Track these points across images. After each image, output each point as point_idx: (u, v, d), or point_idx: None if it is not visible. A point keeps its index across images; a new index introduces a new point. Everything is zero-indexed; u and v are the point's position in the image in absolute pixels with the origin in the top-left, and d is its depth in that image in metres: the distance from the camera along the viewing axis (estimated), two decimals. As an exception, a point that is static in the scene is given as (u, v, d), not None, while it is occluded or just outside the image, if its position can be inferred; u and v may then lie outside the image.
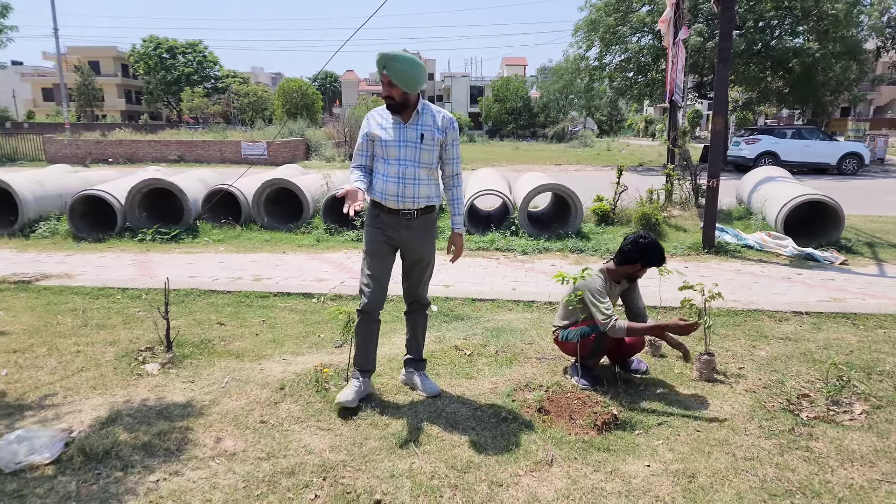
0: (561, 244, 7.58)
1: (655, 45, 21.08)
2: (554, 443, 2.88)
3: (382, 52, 2.98)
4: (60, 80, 31.62)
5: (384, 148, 3.11)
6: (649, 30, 21.19)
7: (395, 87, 3.00)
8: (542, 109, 54.45)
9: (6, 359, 3.88)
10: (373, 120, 3.17)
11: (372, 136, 3.14)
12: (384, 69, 2.97)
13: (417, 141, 3.09)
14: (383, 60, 2.98)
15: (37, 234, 8.23)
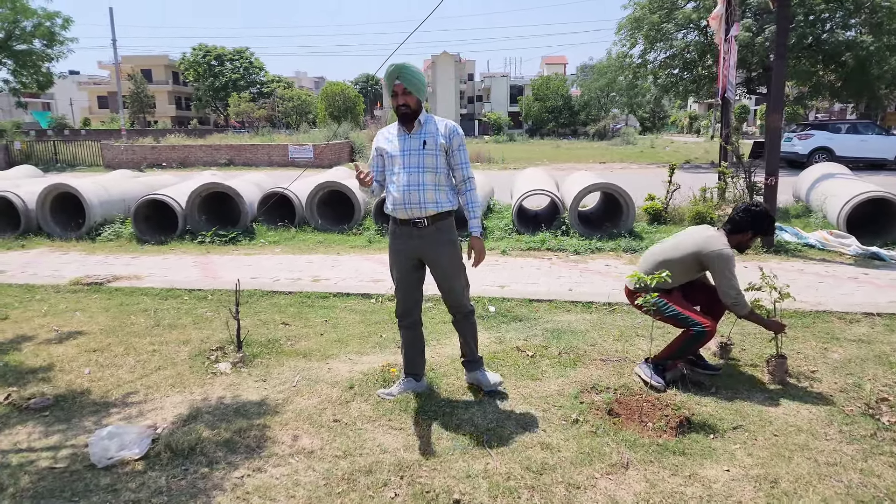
0: (613, 244, 7.48)
1: (701, 42, 20.63)
2: (627, 445, 2.86)
3: (395, 62, 3.08)
4: (118, 88, 32.92)
5: (391, 159, 3.19)
6: (695, 26, 20.74)
7: (409, 95, 3.09)
8: (583, 107, 53.84)
9: (87, 358, 4.08)
10: (381, 136, 3.28)
11: (381, 150, 3.24)
12: (398, 79, 3.06)
13: (420, 147, 3.14)
14: (397, 71, 3.07)
15: (102, 237, 8.59)
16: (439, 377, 3.65)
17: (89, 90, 67.21)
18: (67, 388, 3.58)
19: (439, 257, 3.24)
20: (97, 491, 2.55)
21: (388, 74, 3.08)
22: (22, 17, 25.26)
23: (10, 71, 26.90)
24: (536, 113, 56.31)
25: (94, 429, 3.07)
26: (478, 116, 69.73)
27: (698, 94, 24.28)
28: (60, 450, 2.89)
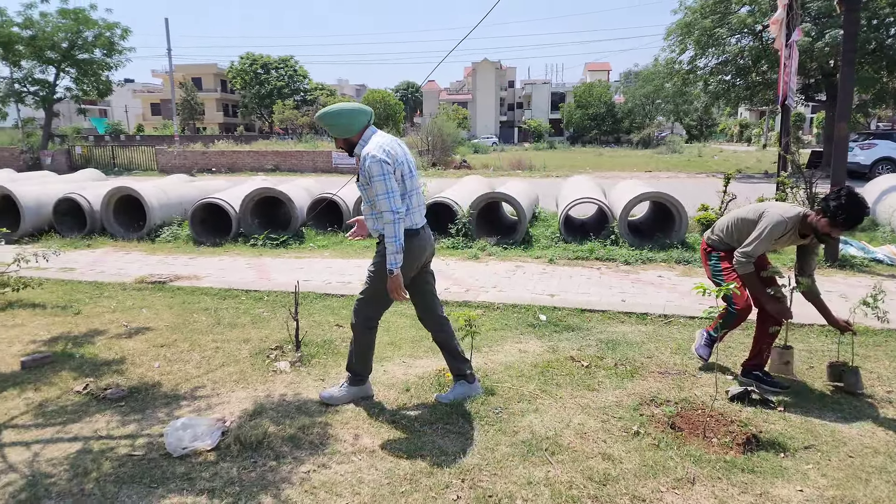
0: (665, 254, 7.36)
1: (756, 47, 20.04)
2: (693, 460, 2.81)
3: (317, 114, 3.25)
4: (171, 96, 34.19)
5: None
6: (750, 31, 20.20)
7: (337, 139, 3.25)
8: (627, 115, 53.12)
9: (156, 352, 4.25)
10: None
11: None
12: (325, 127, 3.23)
13: (356, 181, 3.31)
14: (319, 121, 3.21)
15: (161, 239, 8.93)
16: (494, 384, 3.66)
17: (143, 97, 69.97)
18: (140, 381, 3.74)
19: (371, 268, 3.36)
20: (174, 479, 2.66)
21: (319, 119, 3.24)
22: (84, 27, 26.49)
23: (72, 79, 28.23)
24: (578, 120, 55.87)
25: (166, 420, 3.20)
26: (518, 123, 69.58)
27: (752, 102, 23.63)
28: (137, 438, 3.02)
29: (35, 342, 4.50)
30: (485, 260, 7.50)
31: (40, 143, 27.57)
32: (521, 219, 8.25)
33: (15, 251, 5.54)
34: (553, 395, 3.53)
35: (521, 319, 5.01)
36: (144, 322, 4.95)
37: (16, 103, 27.19)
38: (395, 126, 38.76)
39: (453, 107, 58.00)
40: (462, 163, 26.60)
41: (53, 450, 2.94)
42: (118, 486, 2.61)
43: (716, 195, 9.12)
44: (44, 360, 4.05)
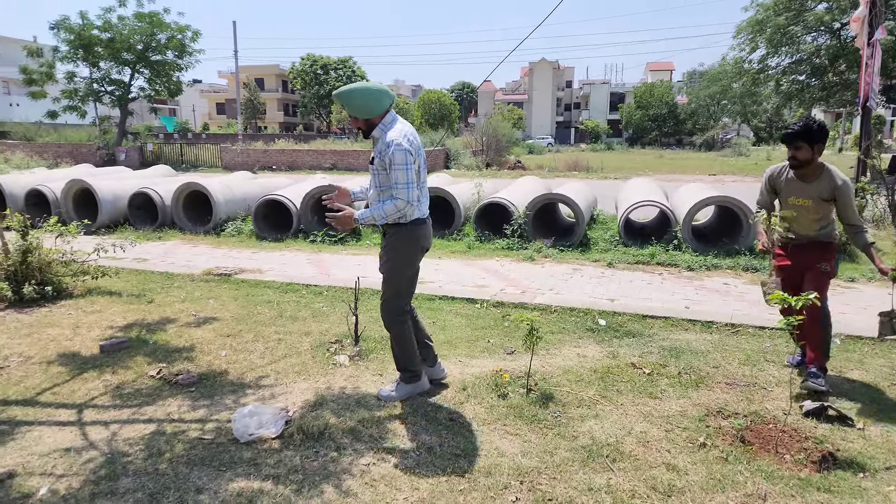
0: (731, 261, 7.08)
1: (834, 45, 19.02)
2: (764, 476, 2.69)
3: (335, 92, 3.18)
4: (237, 96, 35.53)
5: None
6: (827, 29, 19.19)
7: (356, 119, 3.20)
8: (690, 116, 51.45)
9: (223, 342, 4.42)
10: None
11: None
12: (343, 107, 3.16)
13: (371, 164, 3.25)
14: (337, 99, 3.14)
15: (226, 233, 9.27)
16: (552, 388, 3.62)
17: (209, 97, 72.85)
18: (208, 368, 3.90)
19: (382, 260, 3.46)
20: (241, 464, 2.76)
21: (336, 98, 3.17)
22: (158, 30, 27.83)
23: (145, 79, 29.69)
24: (638, 121, 54.57)
25: (233, 406, 3.32)
26: (574, 124, 68.59)
27: (827, 103, 22.42)
28: (206, 423, 3.15)
29: (112, 328, 4.76)
30: (541, 262, 7.43)
31: (115, 140, 29.12)
32: (580, 221, 8.12)
33: (94, 242, 5.87)
34: (613, 401, 3.46)
35: (580, 323, 4.93)
36: (212, 312, 5.16)
37: (94, 102, 28.78)
38: (449, 126, 38.91)
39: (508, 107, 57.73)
40: (516, 163, 26.44)
41: (130, 430, 3.10)
42: (189, 468, 2.72)
43: (786, 200, 8.71)
44: (121, 345, 4.28)
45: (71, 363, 4.01)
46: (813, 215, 3.58)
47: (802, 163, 3.49)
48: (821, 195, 3.50)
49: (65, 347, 4.31)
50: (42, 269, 5.54)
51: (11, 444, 2.95)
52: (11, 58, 49.17)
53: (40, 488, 2.58)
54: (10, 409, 3.35)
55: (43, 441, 2.99)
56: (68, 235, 5.79)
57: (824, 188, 3.49)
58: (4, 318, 5.00)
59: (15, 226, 5.55)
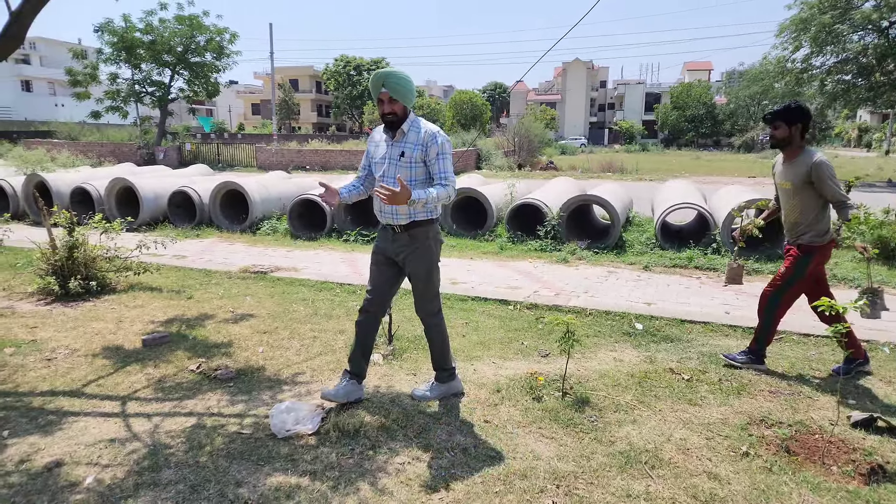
0: (773, 266, 6.88)
1: (882, 45, 18.35)
2: (810, 488, 2.60)
3: (381, 70, 3.08)
4: (272, 97, 36.10)
5: (375, 165, 3.27)
6: (874, 27, 18.53)
7: (396, 103, 3.07)
8: (729, 116, 50.26)
9: (259, 338, 4.49)
10: (373, 138, 3.31)
11: (369, 152, 3.31)
12: (383, 87, 3.03)
13: (397, 158, 3.14)
14: (382, 78, 3.04)
15: (262, 231, 9.43)
16: (588, 392, 3.57)
17: (245, 98, 74.22)
18: (245, 364, 3.96)
19: (411, 264, 3.27)
20: (278, 459, 2.79)
21: (373, 82, 3.06)
22: (197, 32, 28.50)
23: (185, 81, 30.44)
24: (674, 122, 53.60)
25: (270, 402, 3.37)
26: (608, 125, 67.78)
27: (874, 104, 21.64)
28: (245, 418, 3.20)
29: (153, 322, 4.88)
30: (575, 264, 7.35)
31: (155, 140, 29.94)
32: (615, 222, 8.01)
33: (136, 239, 6.03)
34: (651, 406, 3.39)
35: (616, 327, 4.86)
36: (248, 309, 5.25)
37: (135, 103, 29.63)
38: (481, 127, 38.85)
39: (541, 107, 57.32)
40: (548, 164, 26.25)
41: (171, 423, 3.17)
42: (229, 461, 2.77)
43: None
44: (162, 340, 4.39)
45: (115, 356, 4.13)
46: (793, 200, 3.76)
47: (780, 141, 3.74)
48: (798, 175, 3.69)
49: (109, 341, 4.43)
50: (87, 264, 5.71)
51: (59, 434, 3.05)
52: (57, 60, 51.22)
53: (86, 478, 2.65)
54: (58, 399, 3.46)
55: (88, 431, 3.08)
56: (112, 232, 5.96)
57: (801, 168, 3.67)
58: (51, 311, 5.17)
59: (62, 222, 5.73)
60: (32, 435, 3.03)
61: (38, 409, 3.32)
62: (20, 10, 3.75)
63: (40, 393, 3.55)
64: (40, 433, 3.05)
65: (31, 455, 2.84)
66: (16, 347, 4.26)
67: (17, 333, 4.56)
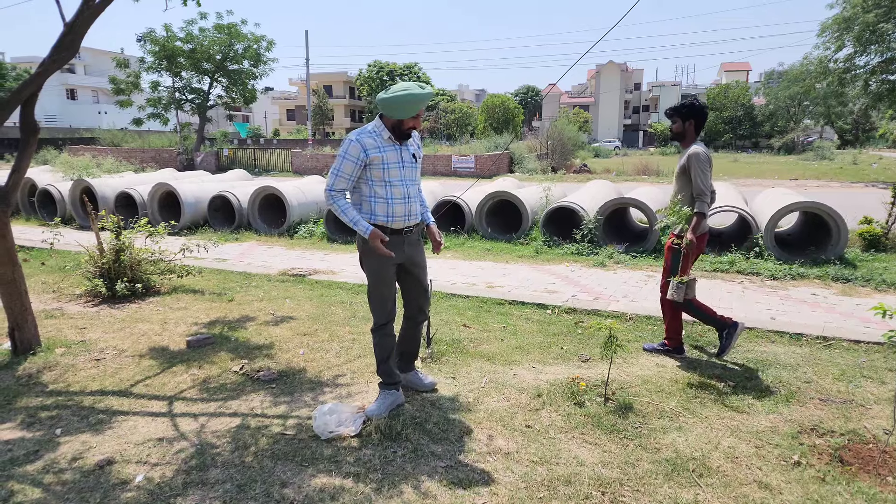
0: (819, 270, 6.67)
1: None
2: (865, 499, 2.51)
3: (429, 89, 3.09)
4: (308, 103, 36.76)
5: (385, 170, 3.11)
6: (922, 25, 17.87)
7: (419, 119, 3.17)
8: (768, 118, 48.96)
9: (300, 340, 4.55)
10: (367, 145, 3.09)
11: (370, 160, 3.09)
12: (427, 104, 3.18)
13: (412, 160, 3.20)
14: (431, 97, 3.11)
15: (299, 235, 9.58)
16: (631, 398, 3.51)
17: (280, 104, 75.56)
18: (287, 366, 4.02)
19: (422, 257, 3.43)
20: (322, 460, 2.82)
21: (422, 97, 3.05)
22: (235, 41, 29.15)
23: (223, 88, 31.14)
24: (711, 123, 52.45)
25: (312, 403, 3.41)
26: (643, 127, 66.84)
27: (922, 104, 20.87)
28: (288, 419, 3.24)
29: (197, 324, 5.00)
30: (612, 268, 7.25)
31: (194, 146, 30.71)
32: (653, 226, 7.88)
33: (178, 242, 6.19)
34: (697, 413, 3.32)
35: (657, 332, 4.77)
36: (288, 311, 5.32)
37: (176, 110, 30.45)
38: (514, 130, 38.71)
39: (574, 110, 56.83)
40: (582, 167, 25.99)
41: (216, 423, 3.23)
42: (274, 462, 2.81)
43: (879, 207, 8.18)
44: (206, 341, 4.48)
45: (161, 357, 4.24)
46: (675, 188, 4.08)
47: (676, 135, 4.06)
48: (679, 164, 3.98)
49: (154, 342, 4.55)
50: (133, 267, 5.88)
51: (109, 433, 3.13)
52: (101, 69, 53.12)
53: (136, 476, 2.72)
54: (108, 398, 3.57)
55: (137, 430, 3.16)
56: (157, 236, 6.12)
57: (683, 158, 3.97)
58: (99, 313, 5.34)
59: (109, 226, 5.91)
60: (84, 433, 3.13)
61: (89, 408, 3.42)
62: (74, 21, 3.89)
63: (90, 392, 3.66)
64: (91, 432, 3.15)
65: (83, 453, 2.93)
66: (66, 348, 4.41)
67: (66, 334, 4.72)
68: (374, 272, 3.30)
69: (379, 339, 3.35)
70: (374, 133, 3.13)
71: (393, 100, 3.05)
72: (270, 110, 75.64)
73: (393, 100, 3.05)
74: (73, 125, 49.21)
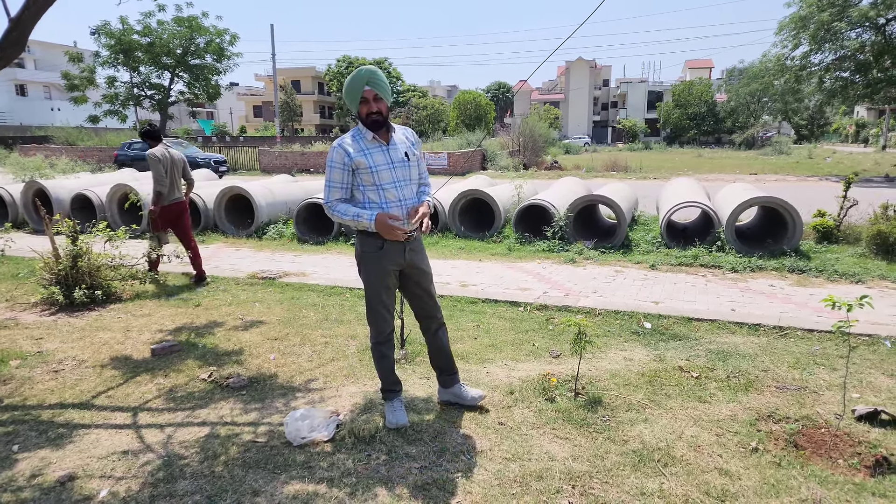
0: (776, 262, 6.90)
1: (879, 42, 18.46)
2: (818, 481, 2.64)
3: (365, 67, 2.90)
4: (275, 100, 36.14)
5: (374, 174, 2.93)
6: (872, 25, 18.63)
7: (381, 101, 2.95)
8: (730, 114, 50.26)
9: (270, 345, 4.52)
10: (350, 149, 2.94)
11: (356, 164, 2.93)
12: (368, 84, 2.89)
13: (405, 160, 3.00)
14: (368, 75, 2.89)
15: (268, 236, 9.45)
16: (600, 392, 3.60)
17: (246, 100, 74.25)
18: (257, 371, 3.99)
19: (425, 262, 3.19)
20: (295, 466, 2.82)
21: (357, 79, 2.89)
22: (196, 34, 28.49)
23: (185, 83, 30.42)
24: (676, 120, 53.65)
25: (284, 409, 3.40)
26: (612, 123, 67.81)
27: (872, 100, 21.74)
28: (259, 426, 3.23)
29: (162, 331, 4.90)
30: (582, 264, 7.37)
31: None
32: (621, 222, 8.03)
33: (142, 246, 6.04)
34: (662, 405, 3.42)
35: (625, 326, 4.88)
36: (258, 316, 5.27)
37: (134, 106, 29.63)
38: (486, 127, 38.87)
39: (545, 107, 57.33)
40: (553, 164, 26.26)
41: (184, 433, 3.18)
42: (245, 471, 2.79)
43: (832, 200, 8.50)
44: (172, 349, 4.40)
45: (124, 366, 4.13)
46: None
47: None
48: None
49: (117, 351, 4.43)
50: (92, 273, 5.67)
51: (70, 447, 3.04)
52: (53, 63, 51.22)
53: (100, 491, 2.65)
54: (68, 412, 3.45)
55: (101, 444, 3.07)
56: (117, 240, 5.94)
57: None
58: (56, 322, 5.17)
59: (65, 231, 5.70)
60: (43, 449, 3.03)
61: (48, 423, 3.31)
62: (20, 15, 3.72)
63: (49, 406, 3.54)
64: (51, 447, 3.05)
65: (43, 469, 2.84)
66: (21, 360, 4.26)
67: (21, 345, 4.56)
68: (371, 280, 3.08)
69: (380, 355, 3.19)
70: (356, 136, 2.99)
71: (343, 94, 2.99)
72: (236, 106, 74.22)
73: (343, 94, 2.99)
74: (23, 123, 47.39)
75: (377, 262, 3.03)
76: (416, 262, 3.12)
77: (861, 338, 4.44)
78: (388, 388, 3.25)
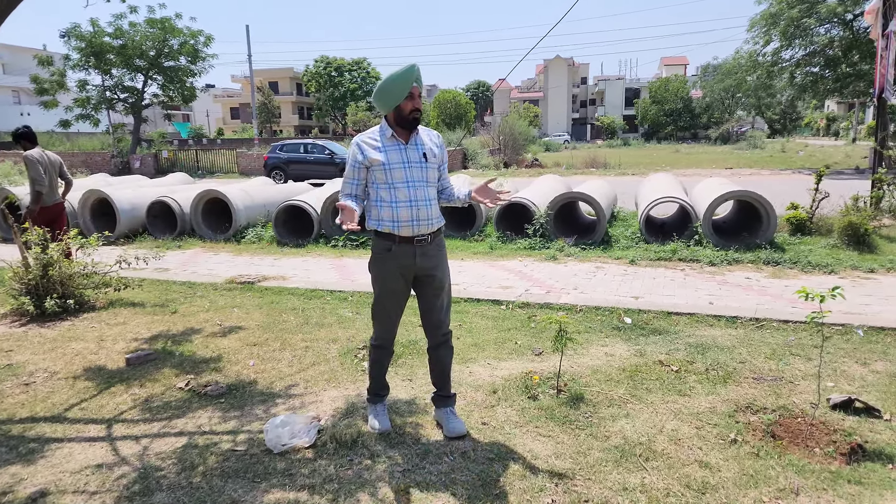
0: (752, 255, 7.01)
1: (847, 37, 18.90)
2: (795, 470, 2.68)
3: (411, 64, 2.83)
4: (252, 101, 35.72)
5: (388, 172, 2.85)
6: (840, 20, 19.09)
7: (419, 99, 2.88)
8: (705, 110, 51.05)
9: (249, 351, 4.45)
10: (365, 145, 2.91)
11: (370, 161, 2.87)
12: (416, 81, 2.82)
13: (422, 160, 2.91)
14: (416, 72, 2.82)
15: (246, 240, 9.33)
16: (581, 388, 3.61)
17: (223, 102, 73.38)
18: (236, 378, 3.93)
19: (441, 274, 3.04)
20: (275, 474, 2.78)
21: (406, 75, 2.80)
22: (170, 36, 27.95)
23: (159, 86, 29.83)
24: (654, 116, 54.31)
25: (264, 416, 3.35)
26: (590, 120, 68.34)
27: (841, 94, 22.26)
28: (238, 434, 3.18)
29: (137, 340, 4.80)
30: (563, 261, 7.40)
31: (129, 148, 29.36)
32: (601, 219, 8.09)
33: (114, 252, 5.90)
34: (643, 399, 3.44)
35: (606, 322, 4.91)
36: (237, 321, 5.20)
37: (107, 110, 28.94)
38: (466, 125, 38.90)
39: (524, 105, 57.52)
40: (533, 161, 26.39)
41: (161, 444, 3.10)
42: (224, 480, 2.75)
43: (804, 193, 8.66)
44: (147, 358, 4.30)
45: (97, 377, 4.02)
46: None
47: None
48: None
49: (90, 361, 4.32)
50: (63, 282, 5.51)
51: (42, 462, 2.95)
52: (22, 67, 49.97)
53: (76, 504, 2.59)
54: (39, 425, 3.35)
55: (74, 458, 2.98)
56: (89, 248, 5.79)
57: None
58: (27, 332, 5.03)
59: (34, 239, 5.52)
60: (13, 465, 2.94)
61: (18, 437, 3.21)
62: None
63: (20, 420, 3.43)
64: (22, 462, 2.96)
65: (13, 486, 2.75)
66: (-8, 372, 4.14)
67: (-8, 357, 4.43)
68: (379, 281, 3.03)
69: (376, 356, 3.16)
70: (376, 133, 2.94)
71: (381, 88, 2.85)
72: (213, 109, 73.22)
73: (381, 88, 2.85)
74: (-10, 128, 46.19)
75: (383, 263, 2.98)
76: (428, 268, 2.97)
77: (834, 327, 4.52)
78: (375, 391, 3.23)
